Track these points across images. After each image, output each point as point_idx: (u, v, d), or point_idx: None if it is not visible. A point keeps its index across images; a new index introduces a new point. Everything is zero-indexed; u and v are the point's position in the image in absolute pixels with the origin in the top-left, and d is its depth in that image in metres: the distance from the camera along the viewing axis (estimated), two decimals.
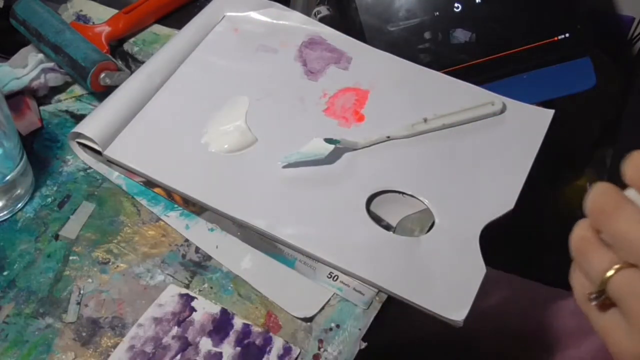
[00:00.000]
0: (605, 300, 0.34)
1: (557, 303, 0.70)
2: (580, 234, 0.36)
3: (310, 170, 0.58)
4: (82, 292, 0.52)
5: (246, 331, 0.50)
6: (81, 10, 0.72)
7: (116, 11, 0.71)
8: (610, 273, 0.33)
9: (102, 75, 0.63)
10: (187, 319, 0.51)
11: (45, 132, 0.63)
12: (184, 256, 0.55)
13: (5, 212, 0.56)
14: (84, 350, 0.49)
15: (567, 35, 0.76)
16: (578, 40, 0.76)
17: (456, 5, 0.73)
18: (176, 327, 0.50)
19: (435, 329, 0.53)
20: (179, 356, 0.49)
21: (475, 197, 0.57)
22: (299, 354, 0.50)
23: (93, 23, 0.71)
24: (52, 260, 0.54)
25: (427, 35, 0.72)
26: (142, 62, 0.66)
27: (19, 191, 0.57)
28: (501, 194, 0.57)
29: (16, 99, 0.63)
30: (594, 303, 0.34)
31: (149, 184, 0.59)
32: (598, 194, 0.34)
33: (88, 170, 0.60)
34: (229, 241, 0.56)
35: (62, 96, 0.66)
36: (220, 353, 0.49)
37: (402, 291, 0.51)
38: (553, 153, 0.63)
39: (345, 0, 0.74)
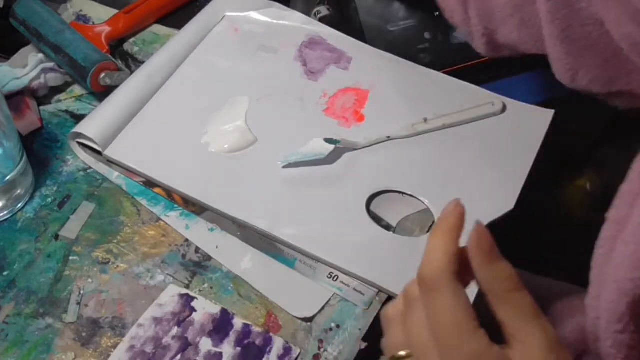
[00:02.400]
0: None
1: (548, 290, 0.69)
2: (387, 310, 0.39)
3: (310, 170, 0.58)
4: (82, 292, 0.52)
5: (246, 331, 0.50)
6: (81, 10, 0.72)
7: (116, 11, 0.71)
8: (401, 353, 0.37)
9: (102, 75, 0.63)
10: (187, 319, 0.51)
11: (45, 132, 0.63)
12: (184, 256, 0.55)
13: (5, 212, 0.56)
14: (84, 351, 0.49)
15: None
16: None
17: None
18: (176, 327, 0.50)
19: None
20: (179, 356, 0.49)
21: (475, 197, 0.57)
22: (299, 354, 0.50)
23: (93, 23, 0.71)
24: (52, 260, 0.54)
25: (427, 35, 0.72)
26: (142, 62, 0.66)
27: (19, 191, 0.57)
28: (501, 194, 0.57)
29: (16, 99, 0.63)
30: None
31: (149, 184, 0.59)
32: (425, 261, 0.36)
33: (88, 170, 0.60)
34: (229, 241, 0.56)
35: (62, 96, 0.66)
36: (220, 353, 0.49)
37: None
38: (553, 153, 0.63)
39: (345, 0, 0.74)
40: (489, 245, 0.34)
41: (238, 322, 0.51)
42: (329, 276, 0.53)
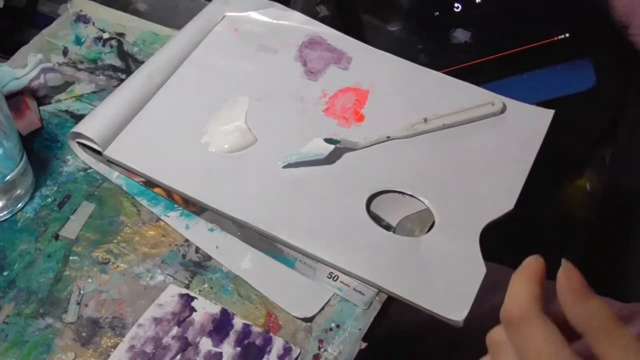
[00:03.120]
0: None
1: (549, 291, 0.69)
2: (493, 337, 0.37)
3: (310, 170, 0.58)
4: (82, 292, 0.52)
5: (246, 331, 0.50)
6: (81, 11, 0.72)
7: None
8: None
9: None
10: (187, 319, 0.51)
11: (45, 132, 0.63)
12: (184, 256, 0.55)
13: (5, 212, 0.56)
14: (84, 351, 0.49)
15: (567, 35, 0.76)
16: (578, 40, 0.76)
17: (456, 5, 0.73)
18: (176, 327, 0.50)
19: (441, 325, 0.53)
20: (179, 356, 0.49)
21: (475, 197, 0.57)
22: (299, 354, 0.50)
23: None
24: (52, 260, 0.54)
25: (427, 35, 0.72)
26: (142, 62, 0.66)
27: (19, 191, 0.57)
28: (501, 194, 0.57)
29: (16, 99, 0.63)
30: None
31: (149, 184, 0.59)
32: (510, 301, 0.35)
33: (88, 170, 0.60)
34: (229, 241, 0.56)
35: (62, 96, 0.66)
36: (220, 353, 0.49)
37: (402, 291, 0.51)
38: (553, 153, 0.63)
39: (345, 0, 0.74)
40: (581, 282, 0.33)
41: (238, 322, 0.51)
42: (329, 276, 0.53)
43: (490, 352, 0.36)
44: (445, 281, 0.52)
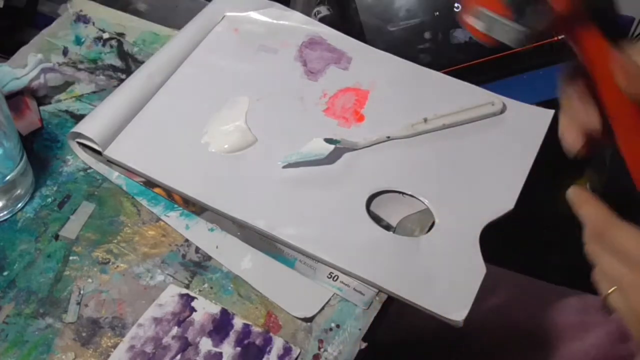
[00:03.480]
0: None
1: (561, 300, 0.70)
2: (593, 275, 0.44)
3: (310, 170, 0.58)
4: (82, 292, 0.52)
5: (246, 331, 0.50)
6: (81, 11, 0.72)
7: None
8: (609, 291, 0.42)
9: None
10: (187, 319, 0.51)
11: (45, 132, 0.63)
12: (184, 256, 0.55)
13: (5, 212, 0.56)
14: (84, 351, 0.49)
15: None
16: None
17: (456, 5, 0.73)
18: (176, 327, 0.50)
19: (441, 325, 0.53)
20: (179, 356, 0.49)
21: (475, 197, 0.57)
22: (299, 354, 0.50)
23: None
24: (52, 260, 0.54)
25: (427, 35, 0.72)
26: (142, 62, 0.66)
27: (19, 191, 0.57)
28: (501, 194, 0.57)
29: (16, 99, 0.63)
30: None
31: (149, 184, 0.59)
32: (588, 220, 0.43)
33: (88, 170, 0.60)
34: (229, 241, 0.56)
35: (62, 96, 0.66)
36: (220, 353, 0.49)
37: (402, 291, 0.51)
38: (553, 153, 0.63)
39: (345, 0, 0.74)
40: None
41: (238, 322, 0.51)
42: (329, 276, 0.53)
43: (593, 261, 0.43)
44: (445, 281, 0.52)
